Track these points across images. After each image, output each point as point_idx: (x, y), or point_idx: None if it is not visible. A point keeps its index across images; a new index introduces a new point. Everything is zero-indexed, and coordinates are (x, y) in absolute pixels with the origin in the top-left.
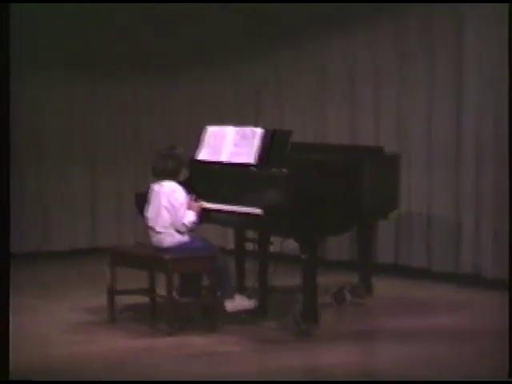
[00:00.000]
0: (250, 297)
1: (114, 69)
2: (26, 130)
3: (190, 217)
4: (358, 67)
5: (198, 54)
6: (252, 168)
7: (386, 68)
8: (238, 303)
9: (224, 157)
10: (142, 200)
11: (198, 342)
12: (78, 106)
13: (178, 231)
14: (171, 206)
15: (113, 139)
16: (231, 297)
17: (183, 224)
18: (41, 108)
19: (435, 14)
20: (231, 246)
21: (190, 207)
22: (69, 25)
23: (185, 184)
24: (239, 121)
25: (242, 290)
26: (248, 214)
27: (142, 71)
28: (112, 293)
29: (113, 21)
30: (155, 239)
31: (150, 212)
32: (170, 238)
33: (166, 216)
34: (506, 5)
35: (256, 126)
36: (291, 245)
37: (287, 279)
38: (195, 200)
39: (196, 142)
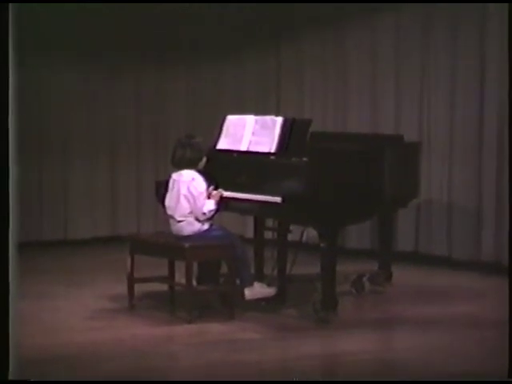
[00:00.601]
0: (269, 284)
1: (134, 56)
2: (51, 119)
3: (210, 205)
4: (380, 54)
5: (219, 42)
6: (272, 157)
7: (408, 55)
8: (257, 291)
9: (244, 146)
10: (162, 188)
11: (217, 329)
12: (100, 94)
13: (198, 220)
14: (190, 195)
15: (133, 127)
16: (250, 285)
17: (203, 213)
18: (67, 96)
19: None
20: (250, 234)
21: (209, 196)
22: (77, 12)
23: (204, 173)
24: (260, 109)
25: (260, 278)
26: (267, 203)
27: (162, 59)
28: (131, 280)
29: (125, 8)
30: (175, 228)
31: (170, 201)
32: (189, 226)
33: (185, 205)
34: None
35: (277, 114)
36: (310, 233)
37: (306, 268)
38: (214, 189)
39: (217, 131)
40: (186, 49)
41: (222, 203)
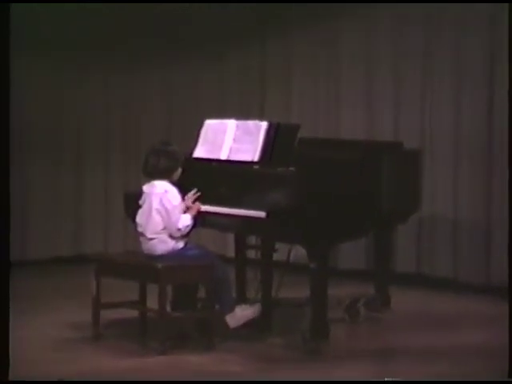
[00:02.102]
0: (251, 303)
1: (103, 54)
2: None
3: (186, 221)
4: (376, 54)
5: (197, 38)
6: (255, 166)
7: (409, 55)
8: (240, 316)
9: (224, 154)
10: (132, 201)
11: (193, 361)
12: (64, 95)
13: (172, 237)
14: (163, 209)
15: (101, 132)
16: (231, 310)
17: (178, 228)
18: (26, 101)
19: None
20: (231, 253)
21: (185, 210)
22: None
23: (179, 185)
24: (242, 113)
25: (243, 302)
26: (250, 218)
27: (135, 57)
28: (97, 306)
29: (119, 6)
30: (146, 246)
31: (140, 216)
32: (162, 244)
33: (157, 220)
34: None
35: (261, 119)
36: (298, 252)
37: (294, 291)
38: (191, 202)
39: (194, 137)
40: (161, 46)
41: (200, 218)
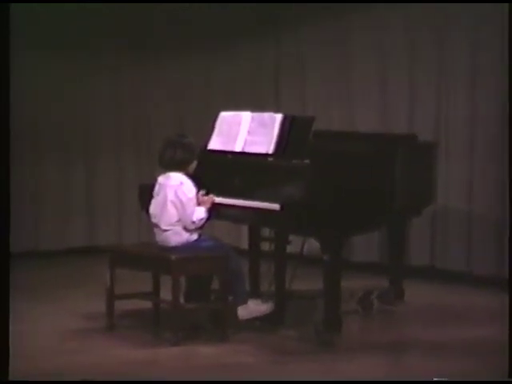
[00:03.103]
0: (265, 301)
1: (114, 46)
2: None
3: (200, 213)
4: (391, 46)
5: (211, 30)
6: (270, 159)
7: (423, 46)
8: (252, 309)
9: (238, 146)
10: (147, 193)
11: (206, 352)
12: (75, 87)
13: (186, 229)
14: (179, 201)
15: (113, 124)
16: (244, 302)
17: (192, 221)
18: (39, 96)
19: None
20: (245, 245)
21: (199, 202)
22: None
23: (194, 177)
24: (257, 105)
25: (256, 294)
26: (264, 210)
27: (146, 48)
28: (111, 297)
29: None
30: (160, 238)
31: (155, 207)
32: (176, 236)
33: (172, 212)
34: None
35: (276, 111)
36: (312, 244)
37: (307, 283)
38: (206, 194)
39: (209, 129)
40: (173, 37)
41: (214, 210)
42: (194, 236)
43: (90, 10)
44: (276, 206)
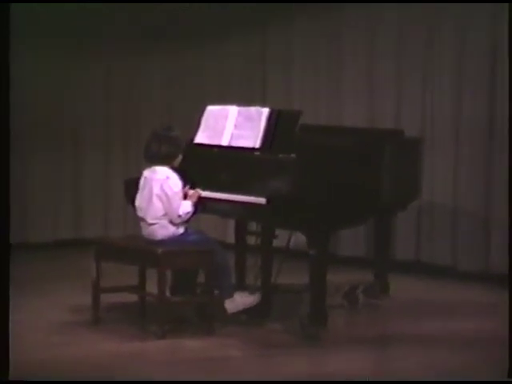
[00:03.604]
0: (252, 292)
1: (104, 39)
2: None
3: (186, 207)
4: (378, 41)
5: (198, 25)
6: (256, 153)
7: (410, 42)
8: (239, 302)
9: (225, 140)
10: (133, 187)
11: (193, 345)
12: (63, 80)
13: (172, 223)
14: (164, 195)
15: (101, 117)
16: (230, 296)
17: (178, 215)
18: (25, 88)
19: None
20: (231, 239)
21: (185, 196)
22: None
23: (180, 171)
24: (244, 99)
25: (242, 288)
26: (250, 204)
27: (138, 45)
28: (97, 290)
29: None
30: (146, 231)
31: (141, 201)
32: (162, 229)
33: (158, 206)
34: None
35: (263, 105)
36: (299, 238)
37: (293, 277)
38: (192, 188)
39: (196, 123)
40: (162, 32)
41: (200, 204)
42: (181, 230)
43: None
44: (262, 200)
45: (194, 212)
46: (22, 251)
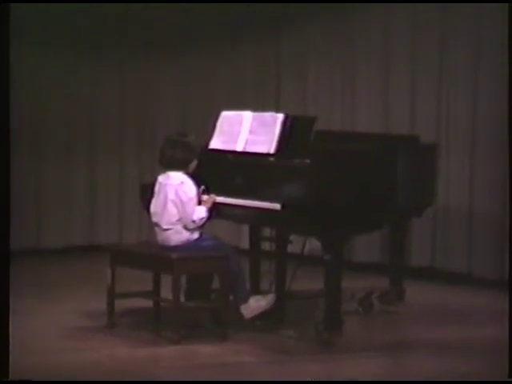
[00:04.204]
0: (265, 295)
1: (118, 44)
2: (22, 118)
3: (201, 213)
4: (392, 46)
5: (212, 29)
6: (271, 158)
7: (425, 47)
8: (254, 306)
9: (239, 146)
10: (148, 193)
11: (207, 351)
12: (77, 85)
13: (187, 228)
14: (179, 200)
15: (116, 122)
16: (245, 301)
17: (193, 221)
18: (40, 92)
19: None
20: (245, 244)
21: (200, 202)
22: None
23: (195, 176)
24: (258, 105)
25: (256, 294)
26: (265, 210)
27: (151, 49)
28: (112, 295)
29: None
30: (161, 237)
31: (155, 206)
32: (177, 235)
33: (172, 211)
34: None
35: (277, 111)
36: (313, 244)
37: (308, 283)
38: (204, 191)
39: (210, 129)
40: (176, 36)
41: (215, 210)
42: (195, 235)
43: (92, 5)
44: (277, 206)
45: (209, 218)
46: (36, 257)
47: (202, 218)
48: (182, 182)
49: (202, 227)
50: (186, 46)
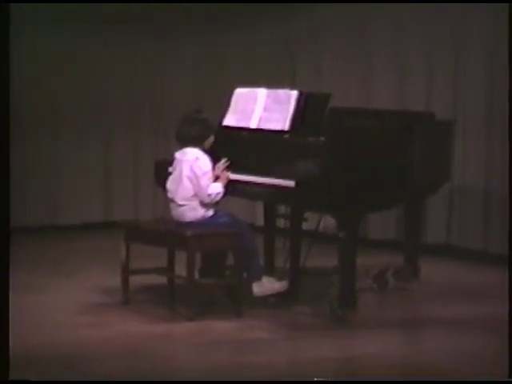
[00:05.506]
0: (280, 279)
1: (134, 26)
2: (36, 96)
3: (217, 188)
4: (408, 22)
5: (225, 8)
6: (285, 135)
7: (442, 22)
8: (267, 286)
9: (253, 123)
10: (163, 169)
11: (221, 327)
12: (93, 63)
13: (202, 204)
14: (194, 175)
15: (130, 100)
16: (259, 279)
17: (208, 195)
18: (54, 70)
19: None
20: (260, 222)
21: (215, 179)
22: None
23: (211, 153)
24: (273, 82)
25: (271, 271)
26: (279, 187)
27: (165, 28)
28: (126, 272)
29: None
30: (176, 213)
31: (171, 182)
32: (192, 211)
33: (188, 187)
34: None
35: (292, 88)
36: (328, 221)
37: (323, 260)
38: (221, 170)
39: (224, 106)
40: (190, 15)
41: (230, 187)
42: (210, 212)
43: None
44: (291, 183)
45: (224, 194)
46: (52, 233)
47: (218, 193)
48: (196, 158)
49: (217, 204)
50: (201, 24)
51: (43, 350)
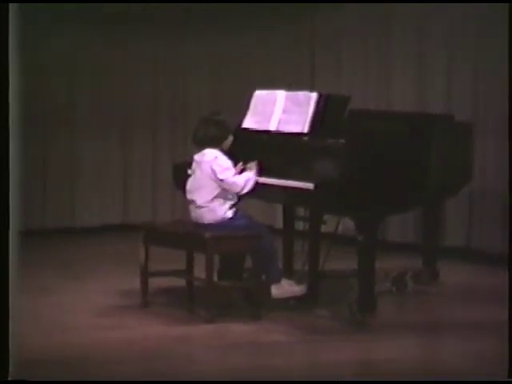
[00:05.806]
0: (299, 282)
1: (152, 25)
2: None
3: (247, 175)
4: (428, 26)
5: (244, 8)
6: (304, 138)
7: (462, 23)
8: (285, 289)
9: (273, 125)
10: (181, 172)
11: (239, 330)
12: (112, 65)
13: (223, 205)
14: (214, 174)
15: (149, 102)
16: (278, 281)
17: (241, 186)
18: (75, 71)
19: None
20: (279, 224)
21: (241, 172)
22: None
23: (229, 154)
24: (292, 84)
25: (289, 273)
26: (298, 189)
27: (185, 29)
28: (145, 274)
29: None
30: (195, 214)
31: (191, 184)
32: (211, 213)
33: (209, 187)
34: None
35: (311, 90)
36: (347, 224)
37: (341, 263)
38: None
39: (244, 108)
40: (209, 16)
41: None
42: (229, 214)
43: None
44: (310, 186)
45: (255, 185)
46: (71, 235)
47: (249, 179)
48: (215, 157)
49: (235, 205)
50: (221, 25)
51: (63, 351)
